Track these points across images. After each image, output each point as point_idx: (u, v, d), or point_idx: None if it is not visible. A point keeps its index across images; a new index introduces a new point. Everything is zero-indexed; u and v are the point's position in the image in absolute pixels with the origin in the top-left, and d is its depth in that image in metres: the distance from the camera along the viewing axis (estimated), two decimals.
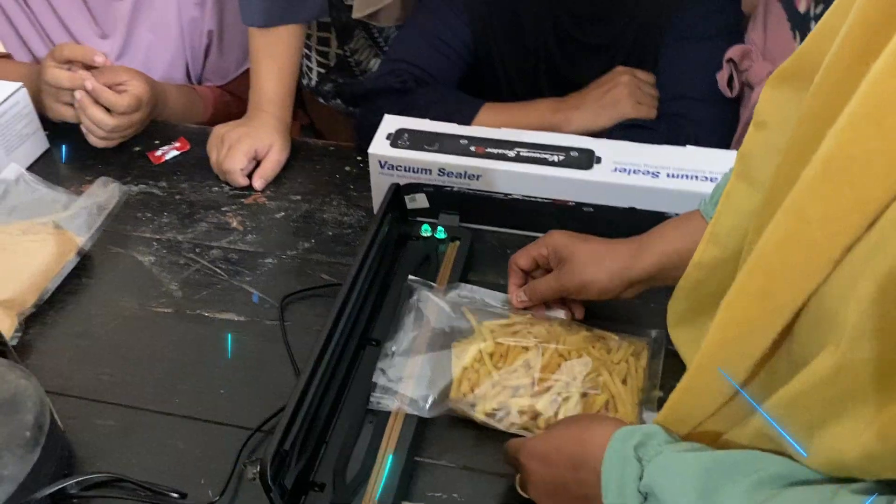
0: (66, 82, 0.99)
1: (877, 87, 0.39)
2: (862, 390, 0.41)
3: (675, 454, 0.51)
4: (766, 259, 0.46)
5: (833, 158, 0.41)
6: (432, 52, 1.03)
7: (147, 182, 1.01)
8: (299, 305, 0.85)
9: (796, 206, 0.44)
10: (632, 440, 0.53)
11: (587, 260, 0.74)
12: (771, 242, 0.46)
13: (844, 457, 0.43)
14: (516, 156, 0.88)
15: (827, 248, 0.42)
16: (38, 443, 0.63)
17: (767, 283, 0.46)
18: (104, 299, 0.86)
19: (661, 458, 0.51)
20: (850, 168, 0.40)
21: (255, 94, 1.05)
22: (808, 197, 0.43)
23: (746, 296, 0.48)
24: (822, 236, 0.42)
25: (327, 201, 0.98)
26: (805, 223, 0.43)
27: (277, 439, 0.59)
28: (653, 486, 0.50)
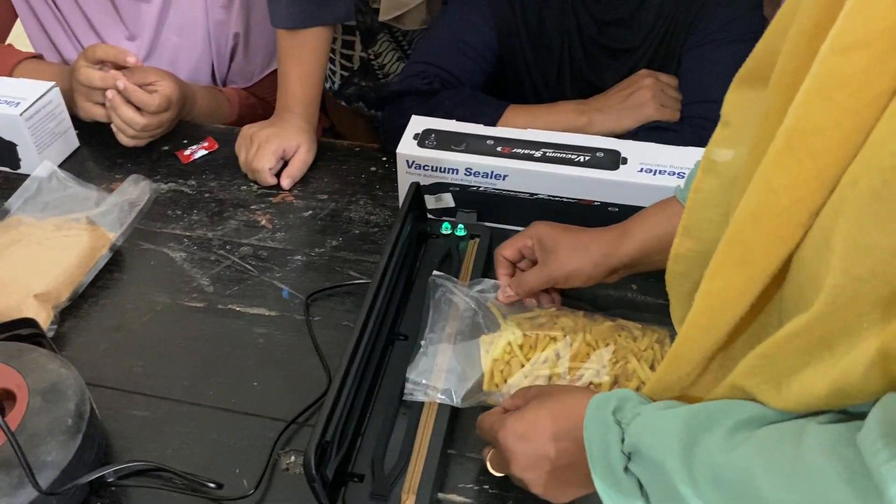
0: (99, 82, 1.01)
1: (824, 66, 0.43)
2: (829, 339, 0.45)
3: (654, 412, 0.55)
4: (741, 229, 0.50)
5: (793, 131, 0.45)
6: (458, 55, 1.05)
7: (176, 180, 1.03)
8: (328, 302, 0.86)
9: (764, 177, 0.48)
10: (608, 406, 0.56)
11: (572, 250, 0.76)
12: (745, 213, 0.49)
13: (812, 397, 0.46)
14: (542, 156, 0.89)
15: (794, 214, 0.46)
16: (80, 430, 0.65)
17: (745, 252, 0.50)
18: (137, 294, 0.87)
19: (640, 419, 0.55)
20: (808, 140, 0.44)
21: (283, 94, 1.07)
22: (773, 168, 0.47)
23: (726, 265, 0.51)
24: (789, 203, 0.46)
25: (353, 200, 1.00)
26: (773, 193, 0.47)
27: (319, 430, 0.61)
28: (637, 444, 0.53)
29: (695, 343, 0.55)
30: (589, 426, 0.56)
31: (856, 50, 0.42)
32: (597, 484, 0.55)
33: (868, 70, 0.41)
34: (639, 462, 0.53)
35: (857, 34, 0.41)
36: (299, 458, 0.71)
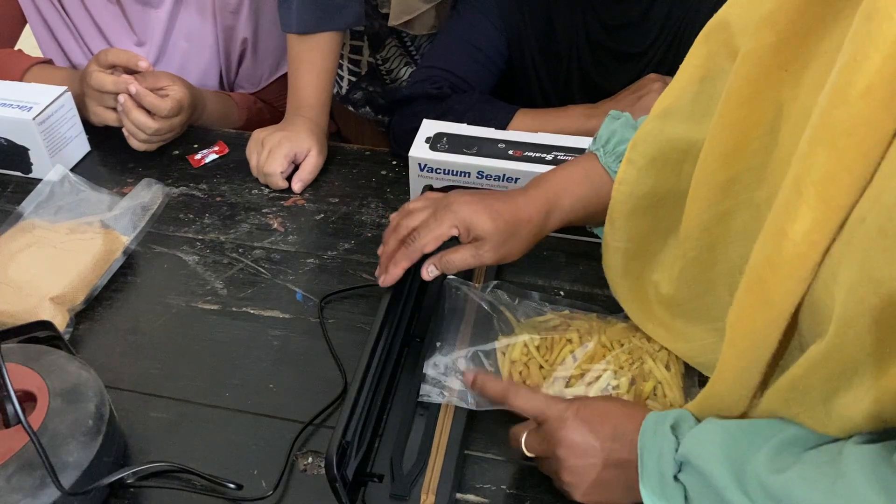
0: (111, 86, 1.01)
1: (826, 117, 0.46)
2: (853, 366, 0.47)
3: (705, 423, 0.57)
4: (760, 275, 0.52)
5: (801, 180, 0.48)
6: (467, 60, 1.06)
7: (188, 184, 1.04)
8: (342, 304, 0.87)
9: (777, 226, 0.50)
10: (666, 420, 0.59)
11: (502, 239, 0.73)
12: (761, 259, 0.52)
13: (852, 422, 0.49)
14: (554, 159, 0.90)
15: (811, 256, 0.49)
16: (100, 431, 0.65)
17: (765, 296, 0.52)
18: (151, 296, 0.88)
19: (694, 430, 0.57)
20: (820, 188, 0.47)
21: (294, 99, 1.07)
22: (785, 217, 0.49)
23: (749, 309, 0.54)
24: (805, 248, 0.49)
25: (365, 204, 1.00)
26: (789, 240, 0.49)
27: (340, 431, 0.61)
28: (688, 455, 0.55)
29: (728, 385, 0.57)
30: (646, 432, 0.58)
31: (859, 100, 0.44)
32: (643, 490, 0.57)
33: (871, 116, 0.44)
34: (688, 472, 0.55)
35: (858, 85, 0.44)
36: (317, 459, 0.71)
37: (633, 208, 0.72)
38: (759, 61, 0.55)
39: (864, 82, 0.43)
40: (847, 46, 0.45)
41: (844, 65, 0.45)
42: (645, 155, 0.70)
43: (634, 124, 0.76)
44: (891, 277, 0.42)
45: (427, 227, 0.73)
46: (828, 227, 0.48)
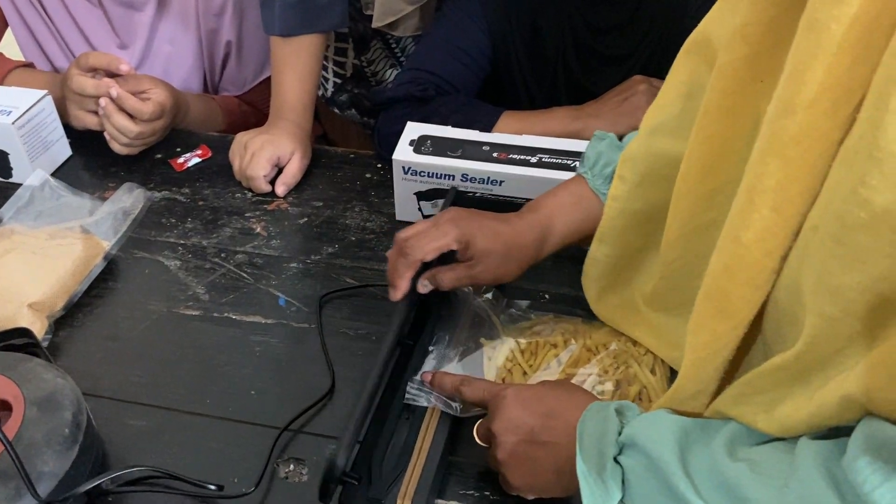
0: (92, 90, 1.00)
1: (772, 126, 0.47)
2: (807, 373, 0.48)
3: (655, 412, 0.57)
4: (718, 283, 0.53)
5: (754, 190, 0.48)
6: (452, 62, 1.05)
7: (170, 188, 1.03)
8: (327, 308, 0.86)
9: (732, 233, 0.51)
10: (611, 405, 0.58)
11: (499, 261, 0.73)
12: (718, 267, 0.52)
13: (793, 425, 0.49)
14: (538, 161, 0.90)
15: (767, 263, 0.49)
16: (77, 440, 0.64)
17: (724, 304, 0.53)
18: (132, 302, 0.87)
19: (642, 415, 0.57)
20: (770, 196, 0.48)
21: (277, 101, 1.06)
22: (740, 225, 0.50)
23: (708, 317, 0.54)
24: (760, 255, 0.49)
25: (349, 207, 1.00)
26: (744, 247, 0.50)
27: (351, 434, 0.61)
28: (635, 436, 0.54)
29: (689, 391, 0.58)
30: (589, 413, 0.58)
31: (803, 110, 0.45)
32: (580, 466, 0.55)
33: (816, 126, 0.45)
34: (631, 454, 0.54)
35: (802, 96, 0.44)
36: (298, 465, 0.71)
37: (626, 224, 0.73)
38: (735, 74, 0.55)
39: (809, 93, 0.44)
40: (791, 57, 0.46)
41: (789, 75, 0.46)
42: (635, 171, 0.71)
43: (620, 145, 0.76)
44: (847, 286, 0.42)
45: (427, 235, 0.72)
46: (781, 235, 0.48)
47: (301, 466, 0.70)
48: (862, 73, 0.43)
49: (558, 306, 0.83)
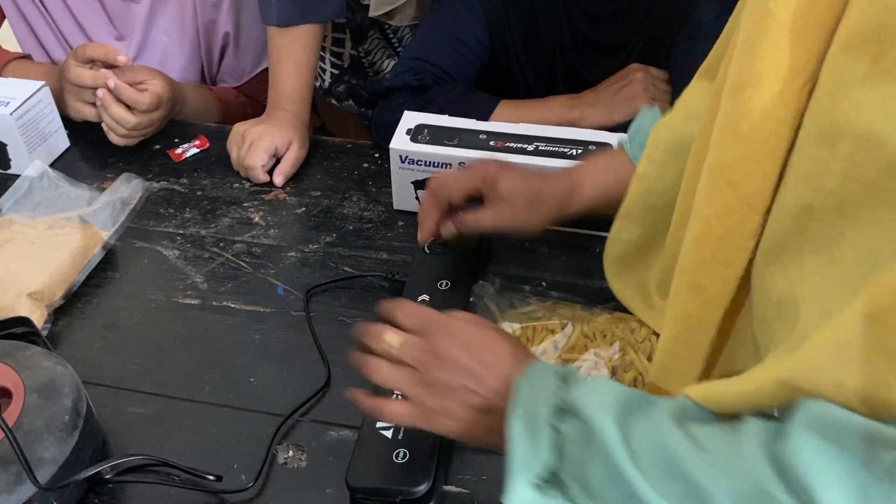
0: (89, 80, 1.00)
1: (726, 103, 0.47)
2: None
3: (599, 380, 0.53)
4: (687, 257, 0.53)
5: (713, 166, 0.49)
6: (450, 51, 1.05)
7: (168, 179, 1.03)
8: (324, 297, 0.86)
9: (697, 208, 0.51)
10: (553, 369, 0.54)
11: (526, 203, 0.73)
12: (688, 242, 0.53)
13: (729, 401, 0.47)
14: (535, 150, 0.90)
15: (730, 240, 0.49)
16: (77, 426, 0.64)
17: (694, 279, 0.53)
18: (131, 292, 0.87)
19: (588, 382, 0.52)
20: (726, 172, 0.48)
21: (275, 92, 1.07)
22: (703, 201, 0.50)
23: (681, 292, 0.54)
24: (722, 231, 0.49)
25: (347, 197, 1.00)
26: (707, 223, 0.50)
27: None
28: (576, 402, 0.50)
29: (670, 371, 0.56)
30: (529, 373, 0.53)
31: (750, 87, 0.45)
32: (512, 425, 0.51)
33: (764, 104, 0.45)
34: (570, 421, 0.50)
35: (748, 74, 0.45)
36: (298, 452, 0.71)
37: (650, 204, 0.72)
38: None
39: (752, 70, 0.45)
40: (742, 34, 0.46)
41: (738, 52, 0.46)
42: (664, 152, 0.69)
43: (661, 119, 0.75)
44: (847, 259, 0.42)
45: (454, 176, 0.74)
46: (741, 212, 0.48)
47: (300, 452, 0.71)
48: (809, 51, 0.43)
49: (556, 293, 0.83)
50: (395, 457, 0.64)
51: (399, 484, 0.62)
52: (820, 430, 0.39)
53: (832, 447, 0.38)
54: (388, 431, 0.66)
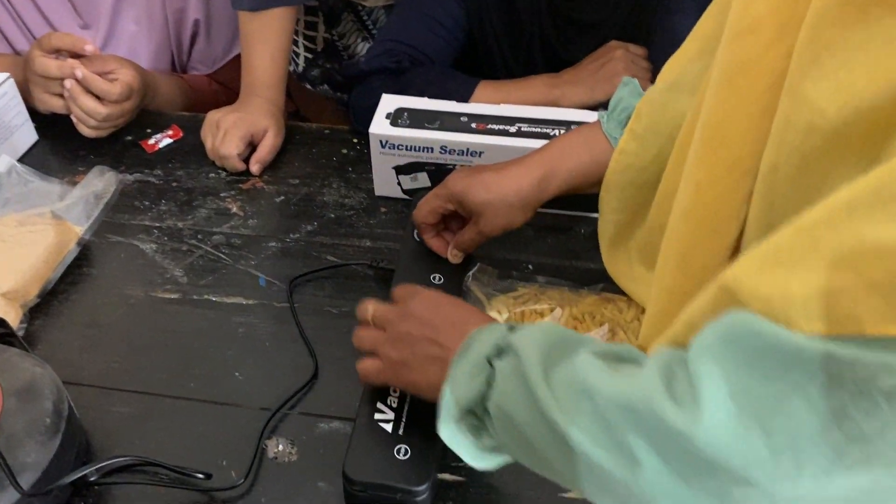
0: (56, 71, 0.97)
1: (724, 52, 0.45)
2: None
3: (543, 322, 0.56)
4: (677, 229, 0.51)
5: (706, 125, 0.47)
6: (426, 32, 1.03)
7: (142, 171, 1.00)
8: (307, 287, 0.85)
9: (688, 174, 0.49)
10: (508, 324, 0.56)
11: (498, 208, 0.74)
12: (678, 213, 0.51)
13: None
14: (518, 131, 0.89)
15: (721, 207, 0.47)
16: (59, 429, 0.63)
17: (683, 250, 0.51)
18: (108, 288, 0.85)
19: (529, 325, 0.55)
20: (721, 130, 0.46)
21: (248, 78, 1.04)
22: (695, 165, 0.48)
23: (669, 265, 0.53)
24: (712, 197, 0.47)
25: (326, 184, 0.98)
26: (697, 189, 0.48)
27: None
28: (514, 339, 0.52)
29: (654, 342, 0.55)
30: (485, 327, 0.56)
31: (747, 35, 0.43)
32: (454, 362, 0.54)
33: (760, 54, 0.43)
34: (505, 357, 0.52)
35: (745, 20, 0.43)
36: (287, 446, 0.70)
37: (631, 180, 0.70)
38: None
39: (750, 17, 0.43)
40: None
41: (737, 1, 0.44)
42: (647, 127, 0.68)
43: (640, 92, 0.74)
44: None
45: (424, 203, 0.78)
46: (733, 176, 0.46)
47: (290, 446, 0.69)
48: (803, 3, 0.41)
49: (543, 277, 0.82)
50: (396, 452, 0.63)
51: (401, 482, 0.61)
52: (724, 335, 0.38)
53: (727, 351, 0.37)
54: (388, 425, 0.64)
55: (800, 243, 0.35)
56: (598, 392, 0.44)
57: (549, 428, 0.46)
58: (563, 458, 0.45)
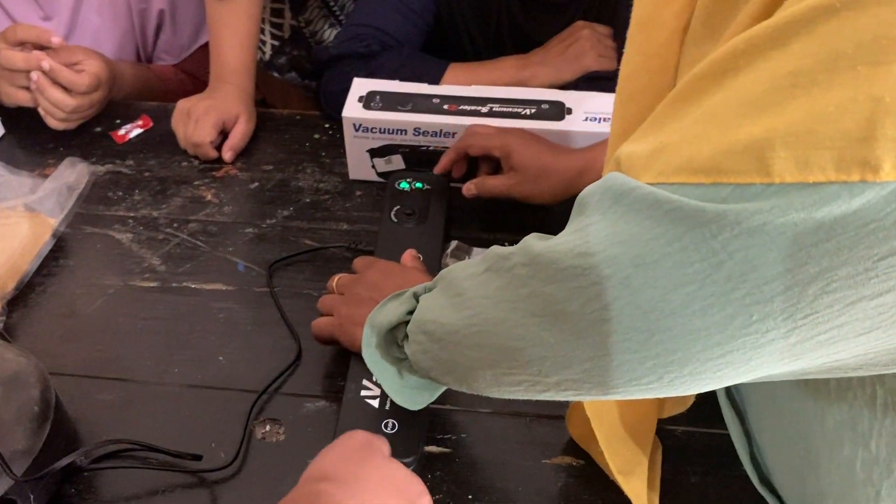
0: (22, 64, 0.96)
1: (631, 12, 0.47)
2: None
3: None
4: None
5: (621, 79, 0.49)
6: (395, 16, 1.04)
7: (113, 161, 1.00)
8: (286, 271, 0.85)
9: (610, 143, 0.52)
10: None
11: (537, 174, 0.81)
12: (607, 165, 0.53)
13: None
14: (489, 111, 0.90)
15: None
16: (48, 417, 0.63)
17: None
18: (86, 278, 0.84)
19: None
20: (629, 85, 0.48)
21: (217, 65, 1.04)
22: (614, 120, 0.51)
23: None
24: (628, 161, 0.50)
25: (300, 169, 0.98)
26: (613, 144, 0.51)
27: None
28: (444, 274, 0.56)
29: None
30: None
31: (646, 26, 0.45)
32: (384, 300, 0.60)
33: (654, 14, 0.45)
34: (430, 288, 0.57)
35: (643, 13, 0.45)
36: (275, 426, 0.71)
37: None
38: None
39: None
40: None
41: None
42: None
43: None
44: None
45: (480, 135, 0.84)
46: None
47: (278, 427, 0.70)
48: None
49: None
50: (383, 427, 0.64)
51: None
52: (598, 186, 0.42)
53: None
54: (375, 401, 0.66)
55: (653, 121, 0.41)
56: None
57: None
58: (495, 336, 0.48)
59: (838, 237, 0.33)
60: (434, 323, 0.52)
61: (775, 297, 0.34)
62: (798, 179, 0.32)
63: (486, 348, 0.47)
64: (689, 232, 0.35)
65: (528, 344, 0.44)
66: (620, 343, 0.39)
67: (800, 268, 0.34)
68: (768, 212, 0.33)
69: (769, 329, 0.35)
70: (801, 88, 0.33)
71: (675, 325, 0.37)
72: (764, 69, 0.35)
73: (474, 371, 0.49)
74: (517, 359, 0.45)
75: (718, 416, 0.59)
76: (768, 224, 0.33)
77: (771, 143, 0.33)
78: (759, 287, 0.35)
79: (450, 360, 0.51)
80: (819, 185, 0.32)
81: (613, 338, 0.39)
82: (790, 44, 0.33)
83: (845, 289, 0.34)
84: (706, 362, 0.38)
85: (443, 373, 0.53)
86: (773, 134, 0.33)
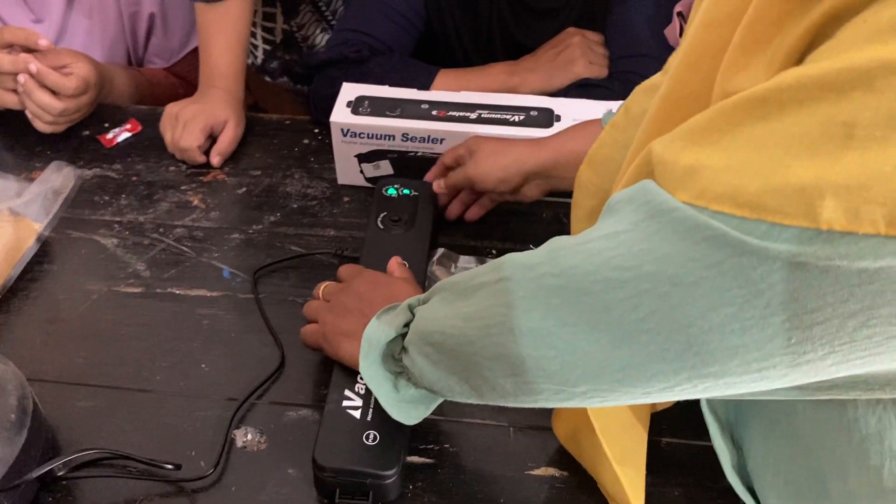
0: (9, 66, 0.96)
1: (695, 38, 0.47)
2: None
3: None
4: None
5: (667, 97, 0.50)
6: (385, 21, 1.03)
7: (101, 165, 0.99)
8: (272, 278, 0.85)
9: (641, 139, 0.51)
10: None
11: (489, 153, 0.82)
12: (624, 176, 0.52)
13: None
14: (478, 118, 0.89)
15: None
16: (24, 425, 0.62)
17: None
18: (70, 284, 0.84)
19: None
20: (680, 105, 0.48)
21: (206, 69, 1.03)
22: (650, 130, 0.51)
23: None
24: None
25: (288, 174, 0.98)
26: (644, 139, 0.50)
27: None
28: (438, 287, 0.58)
29: None
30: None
31: (717, 27, 0.46)
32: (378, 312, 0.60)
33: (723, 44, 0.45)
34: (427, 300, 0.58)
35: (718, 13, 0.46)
36: (255, 435, 0.70)
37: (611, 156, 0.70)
38: None
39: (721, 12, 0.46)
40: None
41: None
42: (639, 104, 0.68)
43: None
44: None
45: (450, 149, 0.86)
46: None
47: (259, 435, 0.70)
48: None
49: None
50: (365, 438, 0.63)
51: (371, 467, 0.62)
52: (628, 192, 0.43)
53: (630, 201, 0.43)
54: (356, 412, 0.65)
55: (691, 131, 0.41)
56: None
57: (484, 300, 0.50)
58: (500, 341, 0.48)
59: (882, 281, 0.34)
60: (442, 334, 0.53)
61: (814, 325, 0.36)
62: (847, 229, 0.34)
63: (508, 358, 0.48)
64: (728, 259, 0.37)
65: (559, 353, 0.45)
66: (658, 353, 0.41)
67: (841, 304, 0.35)
68: (811, 254, 0.35)
69: (807, 351, 0.37)
70: (858, 141, 0.34)
71: (712, 340, 0.39)
72: (817, 112, 0.35)
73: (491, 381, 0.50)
74: (544, 368, 0.46)
75: (703, 429, 0.58)
76: (810, 265, 0.35)
77: (821, 191, 0.34)
78: (799, 316, 0.36)
79: (464, 371, 0.52)
80: (867, 236, 0.34)
81: (652, 347, 0.41)
82: (848, 92, 0.34)
83: (885, 325, 0.36)
84: (742, 375, 0.40)
85: (454, 383, 0.53)
86: (824, 183, 0.34)
